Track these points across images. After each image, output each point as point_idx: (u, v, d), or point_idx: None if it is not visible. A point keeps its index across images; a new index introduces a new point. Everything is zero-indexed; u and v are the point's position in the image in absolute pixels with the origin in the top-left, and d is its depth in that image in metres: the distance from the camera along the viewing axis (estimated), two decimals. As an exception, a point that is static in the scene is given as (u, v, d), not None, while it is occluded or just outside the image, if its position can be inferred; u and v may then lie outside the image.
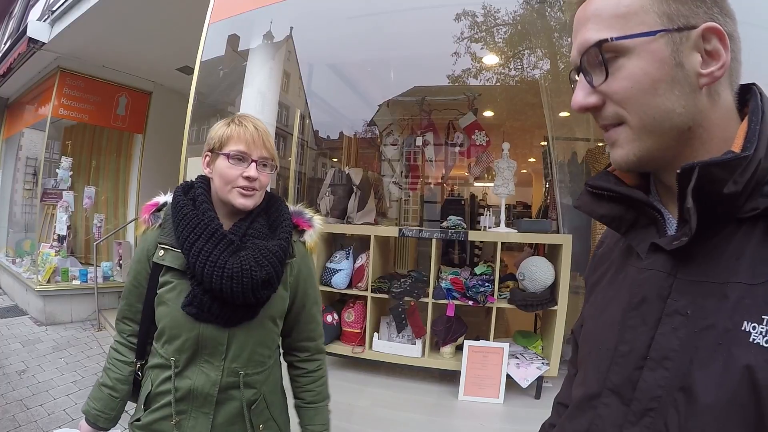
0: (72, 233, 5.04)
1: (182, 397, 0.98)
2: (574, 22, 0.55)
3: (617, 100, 0.51)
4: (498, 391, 2.45)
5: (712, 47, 0.48)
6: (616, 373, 0.53)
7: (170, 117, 5.57)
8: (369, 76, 4.35)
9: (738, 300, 0.45)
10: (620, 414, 0.52)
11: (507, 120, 4.48)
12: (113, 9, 3.65)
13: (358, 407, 2.33)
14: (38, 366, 3.48)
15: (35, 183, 5.78)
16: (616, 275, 0.61)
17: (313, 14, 3.01)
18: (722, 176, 0.45)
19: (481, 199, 4.48)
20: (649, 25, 0.48)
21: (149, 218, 1.07)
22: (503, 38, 3.53)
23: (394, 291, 2.69)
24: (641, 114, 0.50)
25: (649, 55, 0.48)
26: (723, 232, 0.48)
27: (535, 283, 2.55)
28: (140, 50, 4.46)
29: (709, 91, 0.49)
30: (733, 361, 0.43)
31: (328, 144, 4.67)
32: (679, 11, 0.48)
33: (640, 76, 0.49)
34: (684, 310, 0.48)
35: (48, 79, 5.03)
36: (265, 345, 1.05)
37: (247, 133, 0.99)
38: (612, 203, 0.57)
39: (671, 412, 0.47)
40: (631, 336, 0.53)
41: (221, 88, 3.32)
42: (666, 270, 0.51)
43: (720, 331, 0.45)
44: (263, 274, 0.94)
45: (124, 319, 1.10)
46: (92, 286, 4.73)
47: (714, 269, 0.47)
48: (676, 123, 0.49)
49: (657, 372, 0.49)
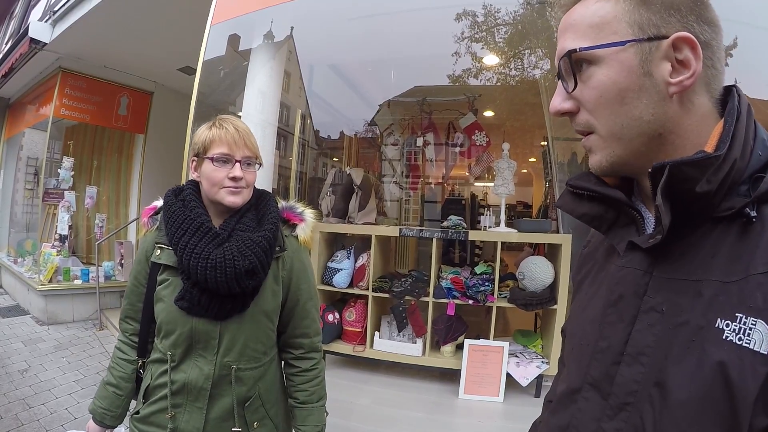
0: (73, 233, 5.06)
1: (177, 390, 1.01)
2: (558, 30, 0.57)
3: (588, 108, 0.53)
4: (498, 389, 2.47)
5: (684, 56, 0.48)
6: (596, 368, 0.55)
7: (172, 117, 5.59)
8: (370, 76, 4.37)
9: (712, 297, 0.45)
10: (599, 408, 0.53)
11: (507, 120, 4.49)
12: (115, 9, 3.67)
13: (359, 405, 2.35)
14: (40, 365, 3.50)
15: (36, 183, 5.80)
16: (599, 273, 0.63)
17: (314, 16, 3.03)
18: (693, 175, 0.46)
19: (481, 199, 4.49)
20: (620, 35, 0.50)
21: (148, 221, 1.11)
22: (503, 38, 3.54)
23: (395, 290, 2.70)
24: (609, 122, 0.51)
25: (618, 64, 0.50)
26: (699, 231, 0.49)
27: (535, 282, 2.56)
28: (142, 50, 4.48)
29: (681, 99, 0.50)
30: (707, 358, 0.44)
31: (329, 144, 4.69)
32: (651, 21, 0.49)
33: (608, 85, 0.50)
34: (659, 307, 0.49)
35: (49, 79, 5.05)
36: (258, 340, 1.06)
37: (229, 135, 1.01)
38: (593, 203, 0.59)
39: (646, 407, 0.48)
40: (609, 332, 0.54)
41: (221, 88, 3.34)
42: (642, 268, 0.52)
43: (694, 328, 0.46)
44: (246, 264, 0.96)
45: (127, 319, 1.13)
46: (94, 286, 4.75)
47: (689, 267, 0.48)
48: (644, 130, 0.50)
49: (633, 367, 0.50)
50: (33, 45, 4.22)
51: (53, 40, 4.25)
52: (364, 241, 2.92)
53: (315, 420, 1.11)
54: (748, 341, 0.42)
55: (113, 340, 4.28)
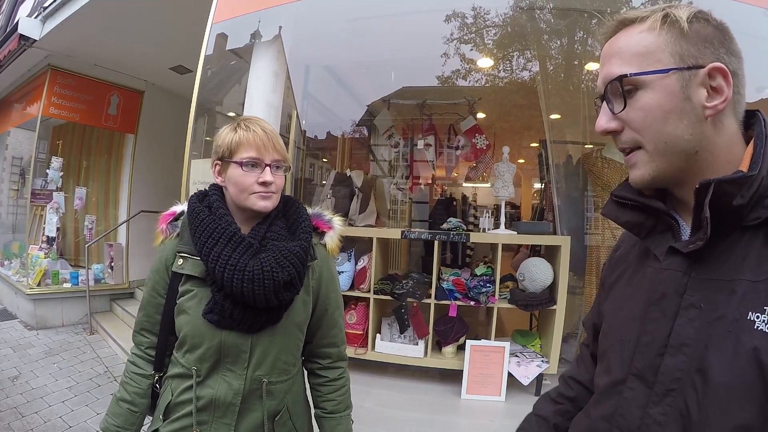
0: (60, 234, 4.94)
1: (204, 407, 0.96)
2: (601, 55, 0.63)
3: (634, 127, 0.59)
4: (500, 389, 2.50)
5: (717, 84, 0.55)
6: (640, 361, 0.60)
7: (163, 117, 5.51)
8: (360, 77, 4.36)
9: (744, 294, 0.52)
10: (644, 396, 0.59)
11: (496, 121, 4.55)
12: (106, 6, 3.58)
13: (363, 408, 2.35)
14: (31, 372, 3.42)
15: (23, 183, 5.65)
16: (634, 275, 0.68)
17: (312, 17, 3.02)
18: (732, 191, 0.53)
19: (472, 200, 4.52)
20: (663, 63, 0.56)
21: (167, 228, 1.05)
22: (493, 40, 3.59)
23: (397, 292, 2.71)
24: (655, 140, 0.58)
25: (662, 89, 0.56)
26: (730, 237, 0.55)
27: (534, 283, 2.61)
28: (133, 48, 4.38)
29: (714, 121, 0.56)
30: (742, 345, 0.50)
31: (319, 144, 4.68)
32: (690, 52, 0.56)
33: (653, 107, 0.57)
34: (698, 304, 0.56)
35: (38, 77, 4.91)
36: (289, 352, 1.03)
37: (257, 138, 0.96)
38: (634, 211, 0.66)
39: (690, 392, 0.54)
40: (652, 327, 0.60)
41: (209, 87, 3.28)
42: (682, 270, 0.59)
43: (729, 320, 0.52)
44: (285, 275, 0.92)
45: (142, 331, 1.07)
46: (83, 289, 4.65)
47: (723, 269, 0.55)
48: (684, 147, 0.57)
49: (677, 357, 0.56)
50: (22, 42, 4.09)
51: (43, 37, 4.13)
52: (364, 244, 2.92)
53: (343, 429, 1.09)
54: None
55: (104, 344, 4.20)
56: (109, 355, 3.94)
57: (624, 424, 0.61)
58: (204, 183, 2.57)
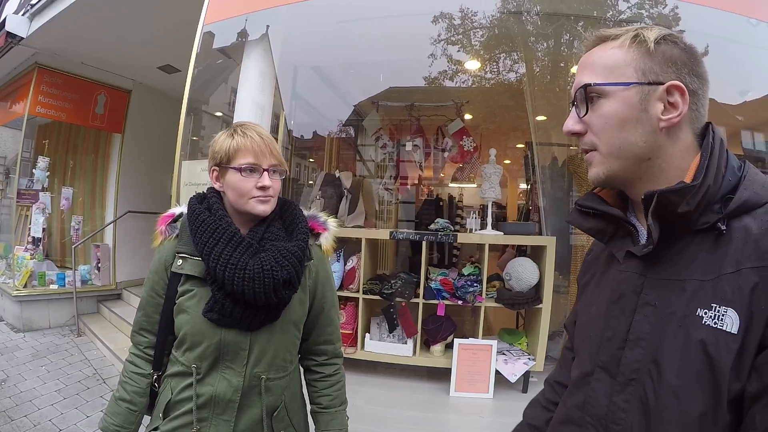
0: (46, 235, 4.88)
1: (204, 404, 0.98)
2: (577, 66, 0.70)
3: (594, 131, 0.66)
4: (488, 386, 2.56)
5: (674, 100, 0.61)
6: (604, 354, 0.67)
7: (150, 116, 5.46)
8: (346, 77, 4.38)
9: (693, 292, 0.57)
10: (609, 386, 0.65)
11: (482, 122, 4.60)
12: (94, 4, 3.55)
13: (353, 406, 2.33)
14: (19, 375, 3.38)
15: (8, 183, 5.56)
16: (602, 277, 0.75)
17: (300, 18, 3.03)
18: (676, 200, 0.58)
19: (458, 201, 4.58)
20: (626, 77, 0.62)
21: (166, 229, 1.07)
22: (480, 41, 3.64)
23: (386, 292, 2.75)
24: (609, 143, 0.64)
25: (622, 99, 0.63)
26: (682, 241, 0.61)
27: (521, 282, 2.67)
28: (121, 47, 4.34)
29: (669, 132, 0.62)
30: (691, 339, 0.56)
31: (305, 144, 4.69)
32: (652, 69, 0.62)
33: (611, 115, 0.63)
34: (653, 302, 0.62)
35: (25, 75, 4.83)
36: (286, 349, 1.06)
37: (254, 144, 0.98)
38: (597, 219, 0.72)
39: (648, 381, 0.59)
40: (614, 324, 0.66)
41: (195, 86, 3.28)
42: (638, 271, 0.65)
43: (680, 316, 0.58)
44: (284, 274, 0.95)
45: (141, 331, 1.08)
46: (70, 291, 4.61)
47: (675, 269, 0.61)
48: (637, 153, 0.63)
49: (635, 350, 0.62)
50: (9, 39, 4.03)
51: (30, 34, 4.07)
52: (353, 244, 2.96)
53: (338, 424, 1.12)
54: (722, 324, 0.54)
55: (92, 346, 4.16)
56: (97, 357, 3.92)
57: (593, 411, 0.67)
58: (193, 184, 2.58)
